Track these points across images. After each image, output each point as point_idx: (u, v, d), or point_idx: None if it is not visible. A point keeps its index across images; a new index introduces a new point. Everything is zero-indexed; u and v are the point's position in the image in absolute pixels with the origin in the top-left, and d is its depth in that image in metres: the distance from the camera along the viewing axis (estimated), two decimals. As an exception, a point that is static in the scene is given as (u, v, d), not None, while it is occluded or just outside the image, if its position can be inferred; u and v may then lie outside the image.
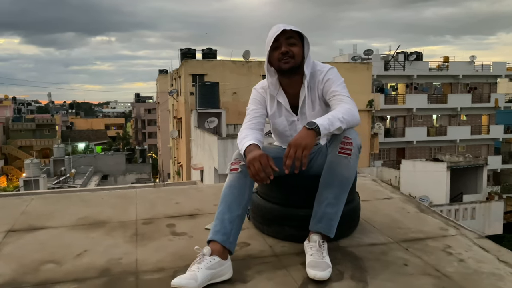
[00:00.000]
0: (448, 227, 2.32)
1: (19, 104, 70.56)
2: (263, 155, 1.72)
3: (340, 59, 30.97)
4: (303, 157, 1.69)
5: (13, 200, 2.73)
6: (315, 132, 1.72)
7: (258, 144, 1.83)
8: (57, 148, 34.36)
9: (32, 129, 49.34)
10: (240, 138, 1.92)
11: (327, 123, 1.76)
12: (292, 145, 1.71)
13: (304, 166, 1.70)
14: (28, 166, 26.34)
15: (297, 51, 1.97)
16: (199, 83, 17.74)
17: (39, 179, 25.78)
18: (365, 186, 3.13)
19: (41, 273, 1.78)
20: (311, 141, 1.71)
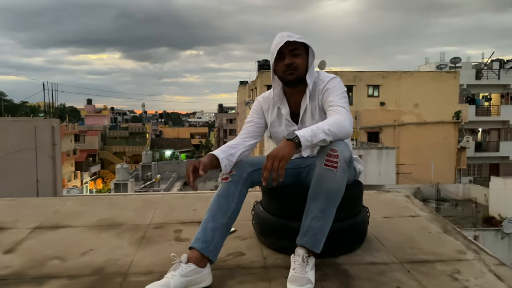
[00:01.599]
0: (467, 250, 2.11)
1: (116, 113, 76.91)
2: (194, 162, 1.77)
3: (425, 68, 29.43)
4: (279, 169, 1.66)
5: (52, 200, 3.00)
6: (294, 143, 1.69)
7: (214, 153, 1.85)
8: (145, 154, 36.82)
9: (125, 136, 53.57)
10: None
11: (309, 134, 1.72)
12: (270, 156, 1.69)
13: (281, 178, 1.67)
14: (118, 171, 28.56)
15: (300, 62, 1.95)
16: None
17: (127, 182, 27.80)
18: (394, 202, 2.95)
19: (44, 267, 1.95)
20: (288, 152, 1.68)
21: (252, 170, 1.97)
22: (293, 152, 1.69)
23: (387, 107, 22.58)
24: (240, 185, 1.92)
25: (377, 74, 22.61)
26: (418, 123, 22.40)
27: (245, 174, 1.94)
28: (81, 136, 48.76)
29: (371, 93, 22.69)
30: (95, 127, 52.90)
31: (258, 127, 2.11)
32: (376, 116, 22.40)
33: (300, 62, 1.95)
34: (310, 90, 2.01)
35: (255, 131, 2.10)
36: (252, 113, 2.16)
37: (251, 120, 2.13)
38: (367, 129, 22.39)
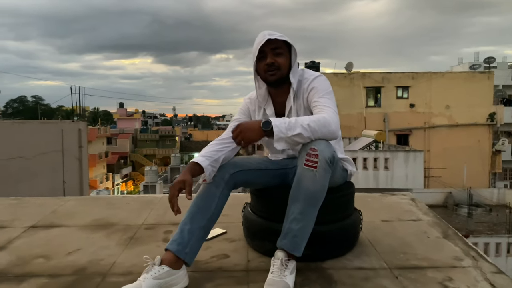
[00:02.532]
0: (465, 257, 1.99)
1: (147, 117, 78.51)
2: (178, 183, 1.72)
3: (458, 69, 28.56)
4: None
5: (54, 200, 3.04)
6: (261, 130, 1.68)
7: (198, 161, 1.79)
8: (174, 157, 37.40)
9: (155, 139, 54.54)
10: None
11: (285, 126, 1.67)
12: (240, 129, 1.71)
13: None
14: (147, 173, 29.09)
15: (283, 61, 1.89)
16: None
17: (156, 184, 28.29)
18: (397, 205, 2.83)
19: (28, 266, 1.96)
20: (252, 136, 1.70)
21: (234, 171, 1.92)
22: (257, 136, 1.70)
23: (417, 109, 21.99)
24: (222, 187, 1.88)
25: (406, 75, 22.06)
26: (449, 126, 21.70)
27: (227, 175, 1.89)
28: (113, 139, 49.98)
29: (400, 95, 22.16)
30: (127, 130, 54.13)
31: None
32: (406, 119, 21.85)
33: (282, 61, 1.89)
34: (295, 90, 1.95)
35: None
36: (239, 113, 2.11)
37: (238, 119, 2.08)
38: (396, 132, 21.87)
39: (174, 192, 1.71)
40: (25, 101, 61.69)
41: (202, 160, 1.81)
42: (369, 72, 22.51)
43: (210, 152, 1.86)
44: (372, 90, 21.95)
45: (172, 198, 1.71)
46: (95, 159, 37.39)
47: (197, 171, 1.80)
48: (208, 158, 1.83)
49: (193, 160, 1.82)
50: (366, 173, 13.33)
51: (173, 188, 1.72)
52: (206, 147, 1.91)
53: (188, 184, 1.72)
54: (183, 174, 1.75)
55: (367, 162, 13.38)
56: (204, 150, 1.89)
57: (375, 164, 13.38)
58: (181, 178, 1.73)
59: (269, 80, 1.92)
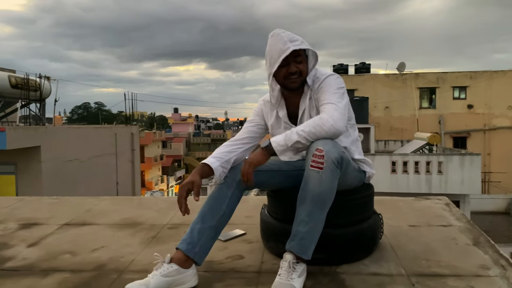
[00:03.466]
0: (493, 265, 1.86)
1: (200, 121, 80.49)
2: (187, 184, 1.73)
3: (523, 67, 26.74)
4: (247, 173, 1.72)
5: (90, 200, 3.20)
6: (264, 150, 1.73)
7: (208, 163, 1.81)
8: (225, 160, 37.94)
9: (207, 143, 55.93)
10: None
11: (282, 138, 1.72)
12: (246, 163, 1.75)
13: (249, 182, 1.74)
14: (199, 176, 29.81)
15: (304, 68, 1.87)
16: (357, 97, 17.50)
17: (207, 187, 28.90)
18: (428, 210, 2.70)
19: (55, 261, 2.07)
20: (258, 158, 1.74)
21: None
22: (263, 158, 1.75)
23: (475, 110, 20.88)
24: (233, 187, 1.88)
25: (463, 74, 21.01)
26: (512, 127, 20.39)
27: (239, 176, 1.89)
28: (168, 142, 51.67)
29: (457, 95, 21.15)
30: (181, 134, 55.81)
31: (259, 128, 2.06)
32: (463, 120, 20.80)
33: (303, 67, 1.86)
34: (311, 90, 1.92)
35: (256, 131, 2.05)
36: (253, 114, 2.11)
37: (252, 120, 2.08)
38: (452, 134, 20.87)
39: (182, 193, 1.73)
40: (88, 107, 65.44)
41: (213, 162, 1.83)
42: (423, 72, 21.62)
43: (221, 153, 1.88)
44: (426, 91, 21.09)
45: (180, 199, 1.73)
46: (150, 162, 38.86)
47: (206, 172, 1.82)
48: (218, 159, 1.84)
49: (204, 162, 1.84)
50: (418, 177, 12.81)
51: (181, 189, 1.74)
52: (219, 148, 1.93)
53: (196, 185, 1.74)
54: (192, 175, 1.77)
55: (419, 165, 12.86)
56: (216, 151, 1.91)
57: (427, 168, 12.83)
58: (190, 179, 1.75)
59: (290, 87, 1.89)
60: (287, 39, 1.82)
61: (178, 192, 1.74)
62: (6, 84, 9.51)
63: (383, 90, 20.07)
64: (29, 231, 2.53)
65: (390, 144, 18.23)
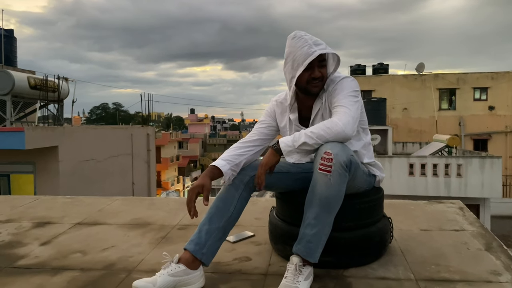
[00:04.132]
0: (505, 271, 1.81)
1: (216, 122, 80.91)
2: (197, 187, 1.72)
3: (546, 68, 26.07)
4: (260, 175, 1.74)
5: (102, 200, 3.24)
6: (273, 151, 1.75)
7: (218, 165, 1.81)
8: (241, 161, 38.02)
9: (223, 143, 56.23)
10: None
11: (290, 139, 1.72)
12: (260, 166, 1.77)
13: (259, 185, 1.77)
14: (215, 176, 29.93)
15: (325, 72, 1.87)
16: (365, 100, 17.33)
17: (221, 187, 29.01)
18: (441, 214, 2.65)
19: (65, 260, 2.11)
20: (267, 159, 1.76)
21: (254, 173, 1.91)
22: (274, 159, 1.76)
23: (497, 112, 20.43)
24: (241, 189, 1.88)
25: (484, 75, 20.59)
26: (536, 130, 19.90)
27: (247, 178, 1.90)
28: (184, 143, 52.09)
29: (478, 97, 20.74)
30: (197, 135, 56.22)
31: (270, 130, 2.05)
32: (484, 122, 20.39)
33: (325, 72, 1.86)
34: (325, 93, 1.90)
35: (266, 133, 2.04)
36: (265, 115, 2.09)
37: (263, 121, 2.07)
38: (472, 136, 20.48)
39: (192, 196, 1.73)
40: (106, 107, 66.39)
41: (223, 165, 1.83)
42: (442, 73, 21.27)
43: (232, 156, 1.87)
44: (446, 92, 20.75)
45: (190, 203, 1.73)
46: (167, 163, 39.18)
47: (216, 175, 1.82)
48: (229, 162, 1.84)
49: (214, 164, 1.84)
50: (436, 180, 12.60)
51: (191, 192, 1.74)
52: (228, 150, 1.92)
53: (206, 189, 1.73)
54: (202, 177, 1.77)
55: (437, 168, 12.65)
56: (226, 153, 1.90)
57: (446, 170, 12.61)
58: (200, 182, 1.75)
59: (312, 92, 1.87)
60: (312, 42, 1.79)
61: (188, 195, 1.74)
62: (25, 85, 9.72)
63: (401, 91, 19.82)
64: (42, 230, 2.58)
65: (408, 146, 17.98)
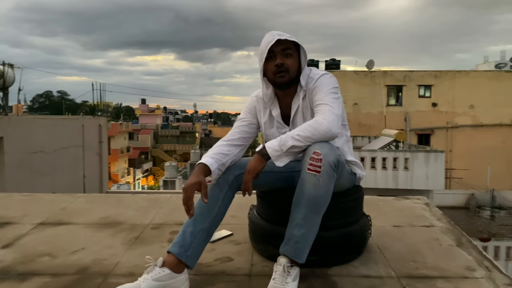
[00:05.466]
0: (478, 267, 1.90)
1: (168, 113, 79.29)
2: (194, 184, 1.63)
3: (484, 67, 27.76)
4: (246, 182, 1.69)
5: (64, 197, 3.07)
6: (260, 156, 1.71)
7: (207, 163, 1.75)
8: (194, 153, 37.57)
9: (176, 135, 55.19)
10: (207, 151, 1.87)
11: (277, 143, 1.70)
12: (245, 172, 1.72)
13: (248, 192, 1.70)
14: (167, 168, 29.33)
15: (292, 63, 1.84)
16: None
17: (175, 180, 28.51)
18: (410, 210, 2.75)
19: (33, 264, 1.97)
20: (254, 165, 1.71)
21: (239, 173, 1.87)
22: (259, 165, 1.71)
23: (439, 108, 21.53)
24: (226, 189, 1.84)
25: (429, 73, 21.61)
26: (473, 126, 21.18)
27: (232, 177, 1.86)
28: (135, 134, 50.68)
29: (423, 94, 21.73)
30: (148, 126, 54.82)
31: (251, 127, 2.01)
32: (428, 118, 21.42)
33: (291, 63, 1.83)
34: (305, 90, 1.90)
35: (248, 131, 2.00)
36: (245, 112, 2.05)
37: (244, 119, 2.03)
38: (417, 131, 21.47)
39: (190, 194, 1.63)
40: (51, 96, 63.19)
41: (211, 163, 1.77)
42: (390, 70, 22.09)
43: (218, 155, 1.82)
44: (394, 89, 21.59)
45: (188, 201, 1.63)
46: (117, 154, 38.00)
47: (207, 173, 1.76)
48: (216, 160, 1.79)
49: (202, 162, 1.78)
50: (385, 173, 13.11)
51: (189, 190, 1.64)
52: (214, 148, 1.87)
53: (203, 186, 1.66)
54: (197, 175, 1.69)
55: (386, 162, 13.16)
56: (211, 151, 1.85)
57: (394, 164, 13.15)
58: (196, 179, 1.66)
59: (278, 82, 1.86)
60: (276, 33, 1.82)
61: (185, 194, 1.64)
62: (-35, 71, 8.99)
63: (353, 86, 20.38)
64: (2, 231, 2.40)
65: (358, 140, 18.55)
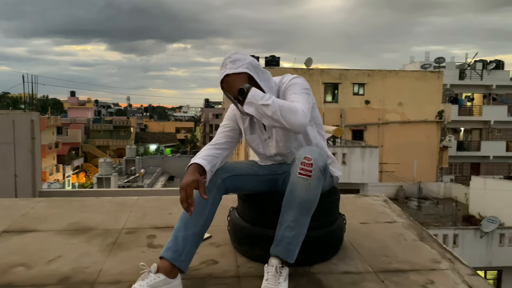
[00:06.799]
0: (442, 259, 2.10)
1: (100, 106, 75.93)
2: (192, 182, 1.65)
3: (410, 67, 29.67)
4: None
5: (22, 202, 2.91)
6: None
7: (201, 163, 1.78)
8: (129, 148, 36.47)
9: (109, 130, 52.95)
10: (196, 154, 1.89)
11: (261, 95, 1.72)
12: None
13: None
14: (101, 165, 28.19)
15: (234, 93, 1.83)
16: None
17: (110, 177, 27.45)
18: (371, 207, 2.94)
19: (7, 275, 1.87)
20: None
21: (226, 176, 1.92)
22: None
23: (372, 106, 22.69)
24: (214, 192, 1.87)
25: (362, 72, 22.70)
26: (401, 122, 22.59)
27: (219, 180, 1.89)
28: (64, 129, 48.04)
29: (357, 91, 22.78)
30: (79, 120, 52.15)
31: (234, 132, 2.06)
32: (361, 115, 22.50)
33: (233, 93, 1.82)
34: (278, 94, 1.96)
35: (232, 136, 2.04)
36: (226, 119, 2.10)
37: (226, 125, 2.07)
38: (351, 127, 22.49)
39: (190, 191, 1.64)
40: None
41: (205, 164, 1.79)
42: (327, 68, 22.89)
43: (210, 156, 1.85)
44: (330, 86, 22.42)
45: (189, 198, 1.63)
46: (44, 150, 35.78)
47: (200, 173, 1.77)
48: (209, 162, 1.82)
49: (196, 162, 1.79)
50: (325, 168, 13.63)
51: (189, 188, 1.64)
52: (203, 151, 1.89)
53: (201, 183, 1.67)
54: (192, 174, 1.70)
55: (325, 157, 13.67)
56: (202, 153, 1.87)
57: (333, 159, 13.70)
58: (193, 177, 1.67)
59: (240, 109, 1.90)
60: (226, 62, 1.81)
61: (184, 192, 1.64)
62: None
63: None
64: (-39, 241, 2.24)
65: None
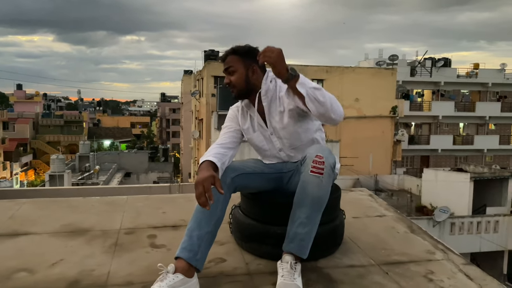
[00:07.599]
0: (436, 250, 2.23)
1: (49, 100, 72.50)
2: (209, 177, 1.66)
3: (365, 64, 30.57)
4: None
5: (5, 204, 2.78)
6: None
7: (213, 161, 1.80)
8: (83, 144, 35.16)
9: (60, 125, 50.69)
10: (205, 153, 1.91)
11: (309, 80, 1.76)
12: (275, 52, 1.72)
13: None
14: (53, 162, 26.99)
15: (236, 79, 1.98)
16: (220, 85, 17.83)
17: (64, 174, 26.38)
18: (360, 201, 3.05)
19: (11, 281, 1.80)
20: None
21: (235, 175, 1.94)
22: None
23: (330, 101, 23.25)
24: (224, 191, 1.88)
25: (321, 68, 23.16)
26: (358, 117, 23.30)
27: (229, 179, 1.91)
28: (11, 124, 45.60)
29: (315, 87, 23.24)
30: (26, 115, 49.59)
31: (237, 133, 2.12)
32: (320, 110, 23.01)
33: (235, 79, 1.99)
34: (263, 94, 2.01)
35: (235, 136, 2.09)
36: (228, 121, 2.16)
37: (229, 126, 2.12)
38: (310, 122, 22.95)
39: (208, 186, 1.64)
40: None
41: (216, 161, 1.82)
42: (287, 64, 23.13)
43: (219, 155, 1.87)
44: (290, 82, 22.75)
45: (208, 192, 1.63)
46: (-10, 146, 33.82)
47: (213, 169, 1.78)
48: (219, 159, 1.84)
49: (208, 159, 1.80)
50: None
51: (206, 182, 1.64)
52: (211, 150, 1.91)
53: (217, 179, 1.68)
54: (207, 170, 1.71)
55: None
56: (211, 151, 1.89)
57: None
58: (208, 174, 1.67)
59: (234, 97, 2.04)
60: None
61: (201, 188, 1.63)
62: None
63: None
64: (-50, 247, 2.11)
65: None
